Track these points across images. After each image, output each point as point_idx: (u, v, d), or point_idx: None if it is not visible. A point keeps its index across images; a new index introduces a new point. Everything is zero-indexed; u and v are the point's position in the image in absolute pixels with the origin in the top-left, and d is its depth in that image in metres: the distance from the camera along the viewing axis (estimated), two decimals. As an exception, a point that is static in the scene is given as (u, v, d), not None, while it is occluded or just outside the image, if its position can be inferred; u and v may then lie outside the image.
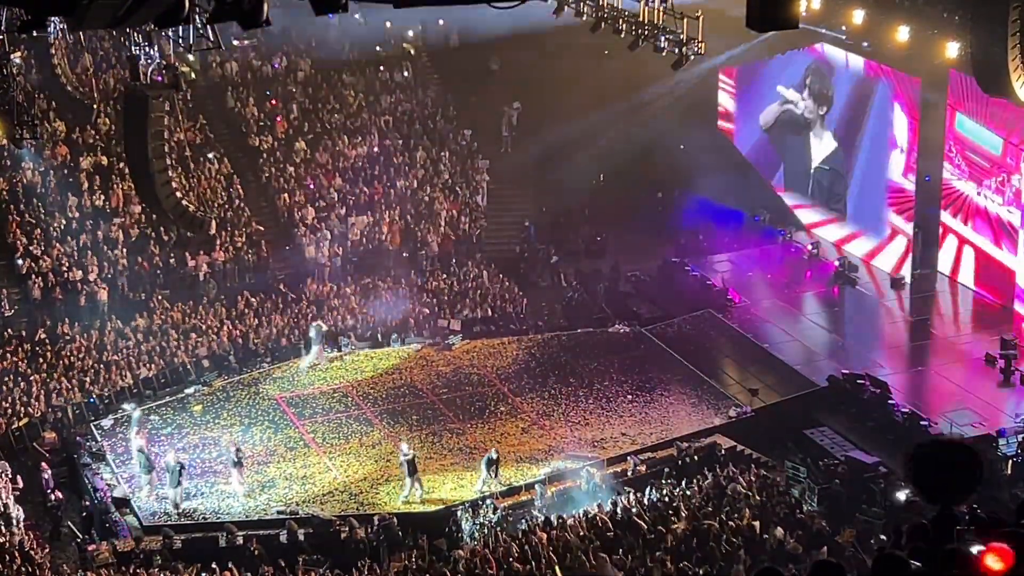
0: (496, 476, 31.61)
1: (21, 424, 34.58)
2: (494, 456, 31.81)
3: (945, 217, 41.39)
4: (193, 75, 45.55)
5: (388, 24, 50.90)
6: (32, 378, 35.90)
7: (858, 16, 35.37)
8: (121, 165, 40.65)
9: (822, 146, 46.18)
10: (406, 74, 50.36)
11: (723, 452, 32.75)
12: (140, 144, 24.93)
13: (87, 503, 31.57)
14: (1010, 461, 31.18)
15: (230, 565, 27.83)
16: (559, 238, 46.81)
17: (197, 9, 18.68)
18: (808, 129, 46.59)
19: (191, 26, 23.58)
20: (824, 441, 33.15)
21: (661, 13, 28.84)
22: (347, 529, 29.49)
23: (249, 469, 32.62)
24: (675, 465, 32.27)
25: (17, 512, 30.00)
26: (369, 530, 29.40)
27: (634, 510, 28.46)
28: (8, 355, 36.62)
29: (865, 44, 39.23)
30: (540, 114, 48.03)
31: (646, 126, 47.85)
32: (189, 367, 37.83)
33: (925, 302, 41.86)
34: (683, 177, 47.32)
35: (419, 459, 32.09)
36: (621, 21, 30.13)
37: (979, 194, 39.73)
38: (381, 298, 41.60)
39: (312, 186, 45.19)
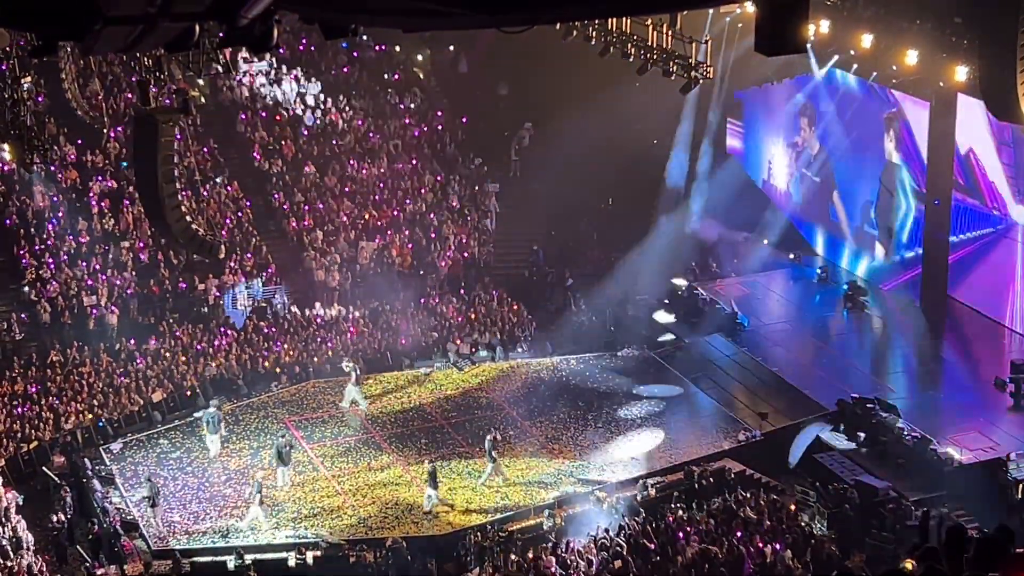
0: (497, 460, 32.49)
1: (31, 448, 34.61)
2: (490, 438, 32.75)
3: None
4: (203, 99, 45.64)
5: (398, 48, 51.13)
6: (41, 402, 35.94)
7: (866, 40, 35.42)
8: (131, 189, 40.77)
9: (835, 172, 46.18)
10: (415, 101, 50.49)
11: (732, 476, 32.69)
12: (150, 168, 24.94)
13: (95, 527, 31.55)
14: (1020, 486, 31.08)
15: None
16: (569, 262, 46.75)
17: (207, 34, 18.76)
18: (818, 155, 46.64)
19: (201, 51, 23.67)
20: (833, 465, 33.05)
21: (670, 37, 28.93)
22: (356, 553, 29.47)
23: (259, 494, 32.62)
24: (684, 489, 32.23)
25: (26, 536, 30.01)
26: (378, 554, 29.37)
27: (643, 534, 28.41)
28: (18, 379, 36.67)
29: (873, 68, 39.25)
30: (549, 138, 48.04)
31: (656, 148, 47.96)
32: (198, 390, 37.84)
33: (934, 326, 41.73)
34: (693, 200, 47.34)
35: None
36: (630, 45, 30.23)
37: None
38: (390, 322, 41.68)
39: (321, 208, 45.27)
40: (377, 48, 51.32)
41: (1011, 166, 38.46)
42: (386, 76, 51.00)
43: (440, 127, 49.93)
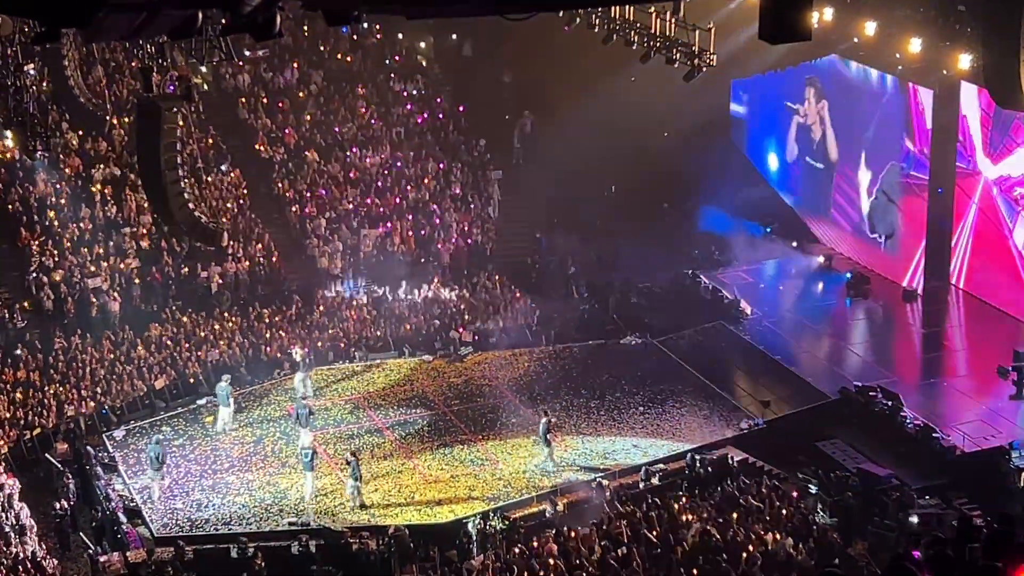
0: (552, 444, 32.93)
1: (34, 435, 34.65)
2: (545, 421, 33.06)
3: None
4: (205, 86, 45.64)
5: (400, 36, 51.11)
6: (44, 389, 35.96)
7: (870, 28, 35.38)
8: (133, 176, 40.75)
9: (836, 158, 46.16)
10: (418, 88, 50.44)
11: (735, 464, 32.70)
12: (152, 155, 24.95)
13: (98, 514, 31.59)
14: (1022, 473, 31.08)
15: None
16: (571, 249, 46.69)
17: (210, 21, 18.74)
18: (820, 142, 46.60)
19: (204, 38, 23.65)
20: (836, 453, 33.07)
21: (673, 25, 28.86)
22: (358, 541, 29.49)
23: (260, 480, 32.68)
24: (687, 477, 32.24)
25: (30, 523, 30.06)
26: (381, 542, 29.39)
27: (645, 522, 28.41)
28: (21, 366, 36.68)
29: (877, 57, 39.20)
30: (552, 126, 47.97)
31: (659, 137, 47.90)
32: (201, 378, 37.88)
33: (937, 314, 41.75)
34: (696, 188, 47.30)
35: (430, 468, 32.33)
36: (633, 33, 30.18)
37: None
38: (392, 309, 41.72)
39: (324, 196, 45.26)
40: (378, 35, 51.31)
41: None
42: (388, 62, 50.98)
43: (442, 114, 49.89)
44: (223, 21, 15.62)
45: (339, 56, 50.36)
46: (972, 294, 40.52)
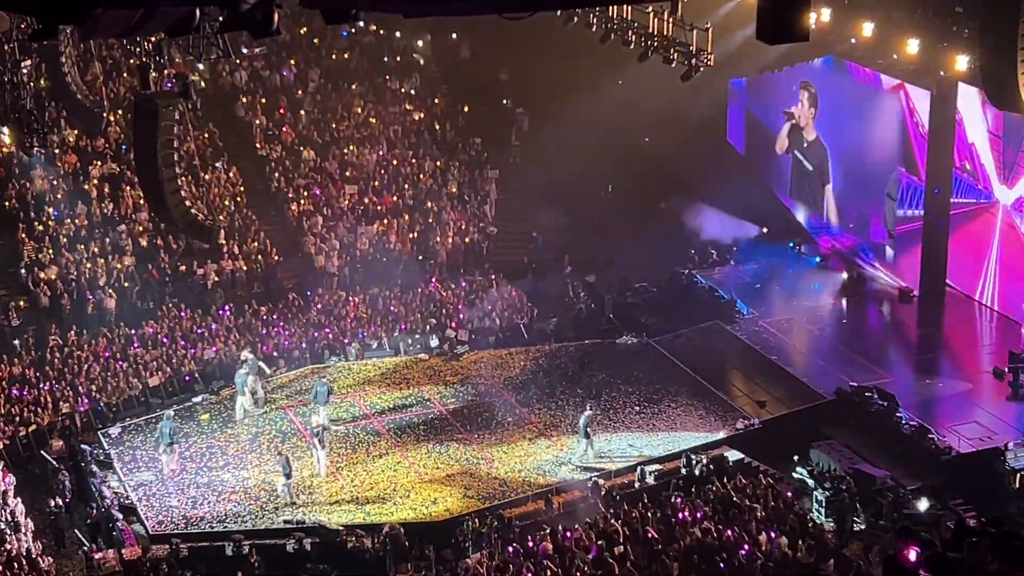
0: (591, 436, 33.17)
1: (29, 431, 34.63)
2: (587, 414, 33.46)
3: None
4: (203, 84, 45.61)
5: (398, 34, 51.10)
6: (40, 386, 35.94)
7: (868, 29, 35.40)
8: (130, 173, 40.73)
9: (830, 157, 46.16)
10: (415, 86, 50.44)
11: (731, 464, 32.68)
12: (149, 152, 24.94)
13: (94, 511, 31.57)
14: (1018, 475, 31.10)
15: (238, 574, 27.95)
16: (568, 248, 46.69)
17: (207, 18, 18.73)
18: (812, 142, 46.63)
19: (201, 35, 23.63)
20: (832, 454, 33.06)
21: (671, 25, 28.83)
22: (353, 539, 29.48)
23: (256, 479, 32.65)
24: (683, 477, 32.22)
25: (25, 520, 30.04)
26: (376, 540, 29.38)
27: (641, 521, 28.40)
28: (16, 363, 36.66)
29: (874, 57, 39.19)
30: (549, 125, 47.96)
31: (658, 136, 47.87)
32: (197, 375, 37.86)
33: (934, 315, 41.73)
34: (692, 188, 47.28)
35: (425, 467, 32.41)
36: (631, 32, 30.16)
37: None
38: (389, 307, 41.69)
39: (321, 194, 45.27)
40: (380, 32, 51.34)
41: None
42: (386, 60, 50.97)
43: (439, 113, 49.86)
44: (220, 18, 15.62)
45: (336, 55, 50.44)
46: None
